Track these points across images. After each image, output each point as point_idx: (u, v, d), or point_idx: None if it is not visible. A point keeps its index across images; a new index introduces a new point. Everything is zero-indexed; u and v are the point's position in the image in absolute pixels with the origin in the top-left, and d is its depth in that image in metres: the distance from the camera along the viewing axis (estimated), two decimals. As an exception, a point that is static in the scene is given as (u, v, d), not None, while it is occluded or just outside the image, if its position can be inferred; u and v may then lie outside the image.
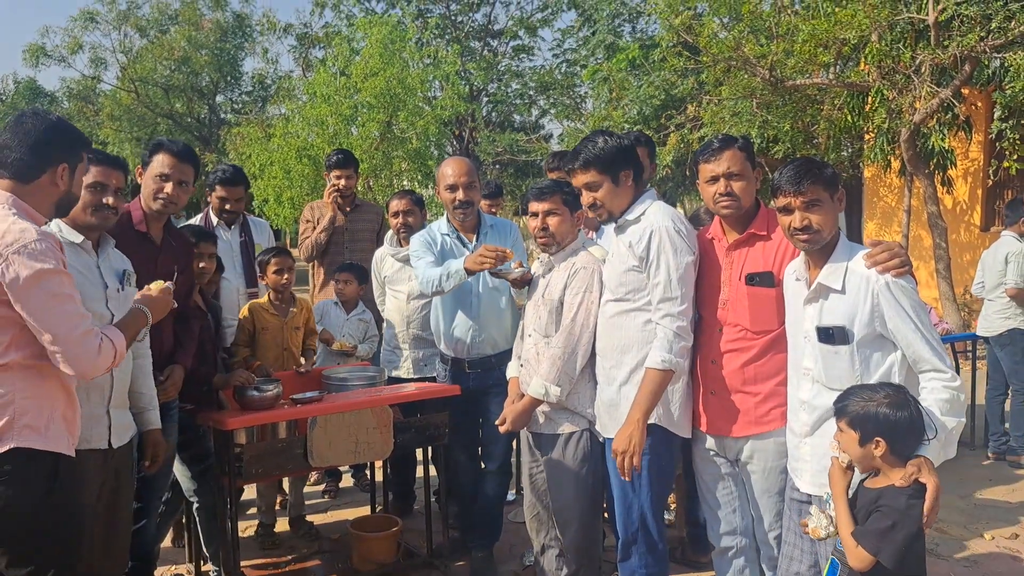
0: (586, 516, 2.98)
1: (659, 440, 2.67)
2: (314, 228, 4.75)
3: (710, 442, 2.70)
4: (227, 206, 4.16)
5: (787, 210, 2.30)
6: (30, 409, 2.11)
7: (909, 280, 2.22)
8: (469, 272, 3.19)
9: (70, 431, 2.21)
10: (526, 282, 3.22)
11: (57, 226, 2.48)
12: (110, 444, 2.49)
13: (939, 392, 2.12)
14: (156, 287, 2.51)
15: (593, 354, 2.87)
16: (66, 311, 2.07)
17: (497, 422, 3.04)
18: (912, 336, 2.16)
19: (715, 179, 2.58)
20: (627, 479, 2.65)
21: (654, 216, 2.66)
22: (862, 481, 2.12)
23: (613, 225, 2.84)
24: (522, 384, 3.02)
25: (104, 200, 2.53)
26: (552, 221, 2.94)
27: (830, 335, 2.26)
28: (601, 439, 2.88)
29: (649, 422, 2.62)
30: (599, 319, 2.83)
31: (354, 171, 4.84)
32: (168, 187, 2.93)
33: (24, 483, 2.10)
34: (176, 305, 2.62)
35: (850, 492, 2.13)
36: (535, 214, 2.97)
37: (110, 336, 2.18)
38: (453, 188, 3.52)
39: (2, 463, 2.07)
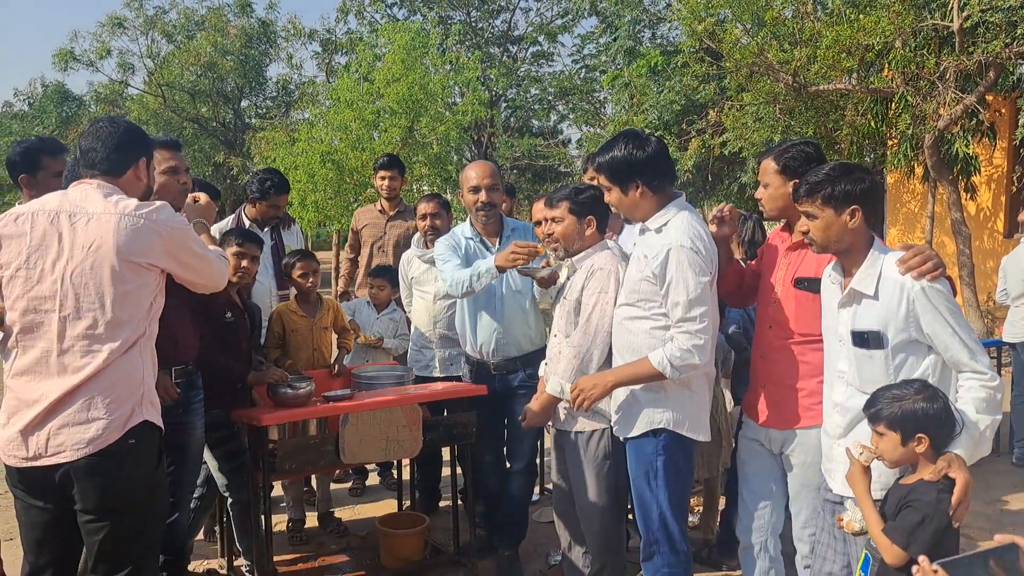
0: (608, 514, 2.99)
1: (671, 442, 2.69)
2: (355, 234, 5.20)
3: (758, 433, 2.75)
4: (277, 212, 4.33)
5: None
6: (152, 385, 2.31)
7: (944, 283, 2.20)
8: (500, 270, 3.26)
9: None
10: (552, 282, 3.28)
11: None
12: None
13: (975, 391, 2.12)
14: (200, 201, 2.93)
15: (611, 354, 2.90)
16: (209, 253, 2.49)
17: (520, 418, 3.10)
18: (949, 340, 2.15)
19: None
20: (573, 407, 2.76)
21: (675, 232, 2.60)
22: (898, 479, 2.14)
23: (637, 226, 2.87)
24: (545, 382, 3.08)
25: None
26: (556, 228, 3.01)
27: (865, 339, 2.26)
28: (622, 438, 2.91)
29: (658, 425, 2.68)
30: (614, 320, 2.84)
31: (399, 172, 5.18)
32: (183, 177, 3.06)
33: (143, 455, 2.25)
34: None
35: (883, 492, 2.16)
36: (546, 220, 3.09)
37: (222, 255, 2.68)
38: (476, 190, 3.59)
39: (130, 436, 2.21)
